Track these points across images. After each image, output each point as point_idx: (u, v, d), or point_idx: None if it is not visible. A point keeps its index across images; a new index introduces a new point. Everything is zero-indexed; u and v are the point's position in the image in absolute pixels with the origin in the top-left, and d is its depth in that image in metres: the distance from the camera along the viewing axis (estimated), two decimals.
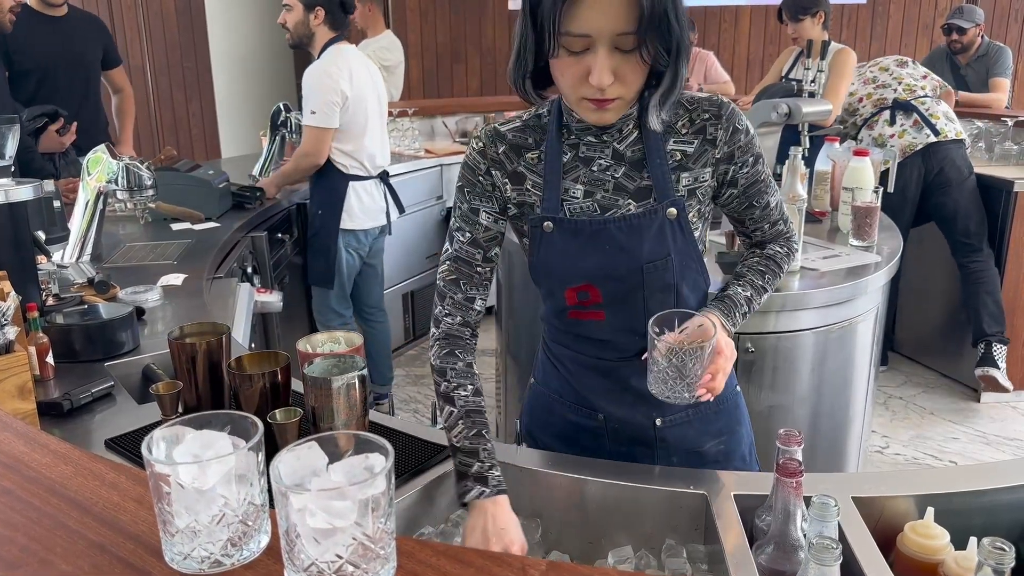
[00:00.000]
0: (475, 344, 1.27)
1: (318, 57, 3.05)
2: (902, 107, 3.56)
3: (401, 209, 3.45)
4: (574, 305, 1.24)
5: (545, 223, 1.20)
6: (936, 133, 3.49)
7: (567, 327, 1.29)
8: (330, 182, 3.13)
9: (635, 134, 1.20)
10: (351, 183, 3.14)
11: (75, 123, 3.23)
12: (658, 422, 1.29)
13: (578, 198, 1.21)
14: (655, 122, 1.16)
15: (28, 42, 3.19)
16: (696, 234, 1.23)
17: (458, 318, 1.25)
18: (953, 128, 3.52)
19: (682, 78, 1.11)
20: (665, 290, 1.21)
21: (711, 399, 1.16)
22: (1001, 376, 3.44)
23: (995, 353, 3.45)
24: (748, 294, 1.27)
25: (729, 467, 1.32)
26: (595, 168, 1.20)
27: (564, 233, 1.20)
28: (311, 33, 3.03)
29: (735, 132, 1.19)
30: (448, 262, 1.26)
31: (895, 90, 3.59)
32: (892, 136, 3.55)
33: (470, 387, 1.21)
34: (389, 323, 3.60)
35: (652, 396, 1.16)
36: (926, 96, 3.57)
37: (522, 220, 1.25)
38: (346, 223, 3.16)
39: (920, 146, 3.47)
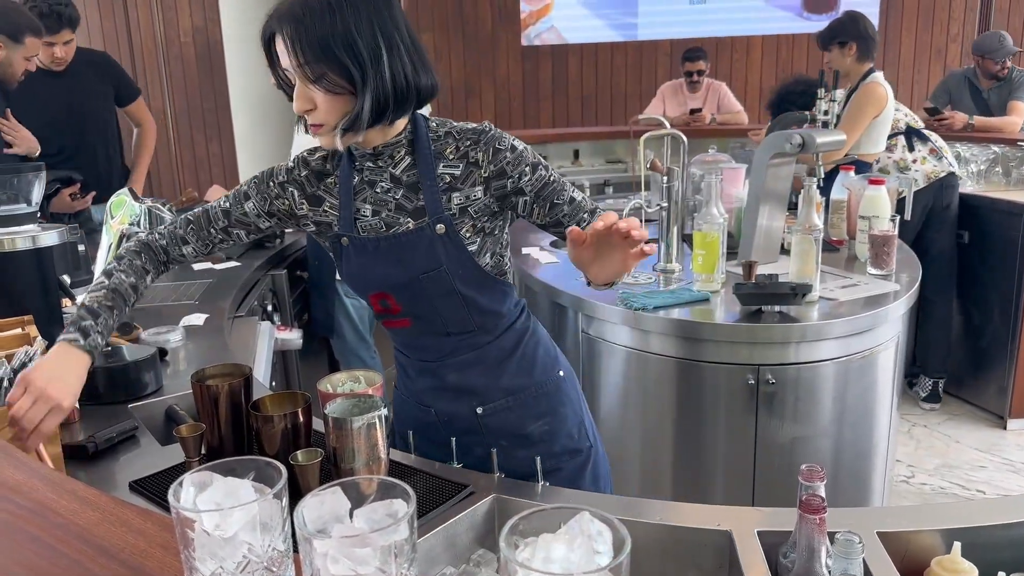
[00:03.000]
0: (163, 268, 1.45)
1: None
2: (916, 134, 3.56)
3: None
4: (380, 312, 1.40)
5: (342, 239, 1.37)
6: (952, 164, 3.52)
7: (391, 333, 1.46)
8: None
9: (408, 160, 1.34)
10: None
11: (92, 193, 3.12)
12: (479, 411, 1.42)
13: (368, 216, 1.36)
14: (341, 142, 1.26)
15: (31, 101, 3.00)
16: (474, 247, 1.34)
17: (164, 242, 1.43)
18: (952, 161, 3.62)
19: (365, 111, 1.21)
20: (448, 295, 1.35)
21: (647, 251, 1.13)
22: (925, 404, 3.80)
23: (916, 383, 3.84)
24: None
25: (556, 446, 1.45)
26: (378, 190, 1.36)
27: (357, 248, 1.36)
28: None
29: (496, 152, 1.32)
30: (198, 210, 1.44)
31: (905, 114, 3.60)
32: (915, 162, 3.55)
33: (132, 277, 1.38)
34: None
35: (469, 388, 1.38)
36: (922, 128, 3.61)
37: (323, 237, 1.41)
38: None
39: (943, 174, 3.50)
